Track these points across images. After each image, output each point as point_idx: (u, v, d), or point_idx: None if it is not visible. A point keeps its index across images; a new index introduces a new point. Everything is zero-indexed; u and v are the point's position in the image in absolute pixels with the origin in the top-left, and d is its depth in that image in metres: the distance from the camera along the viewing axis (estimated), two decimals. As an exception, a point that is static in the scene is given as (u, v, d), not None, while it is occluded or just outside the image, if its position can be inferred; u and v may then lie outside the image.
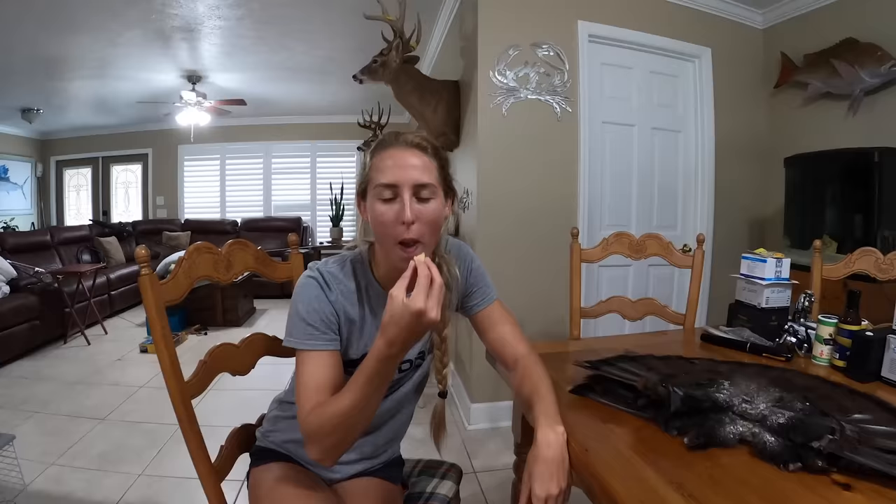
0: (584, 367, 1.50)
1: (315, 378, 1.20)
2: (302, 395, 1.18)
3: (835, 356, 1.69)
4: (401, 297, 1.00)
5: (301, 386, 1.20)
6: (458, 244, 1.51)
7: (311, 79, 6.92)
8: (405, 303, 0.99)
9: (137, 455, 3.16)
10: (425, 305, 0.99)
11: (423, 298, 0.99)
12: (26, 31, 4.79)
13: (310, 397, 1.16)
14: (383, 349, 1.03)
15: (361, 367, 1.07)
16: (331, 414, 1.10)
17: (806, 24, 3.89)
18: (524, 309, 3.48)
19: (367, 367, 1.06)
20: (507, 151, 3.49)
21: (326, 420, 1.10)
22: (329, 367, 1.22)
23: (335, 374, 1.23)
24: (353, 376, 1.09)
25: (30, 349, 5.18)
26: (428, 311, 0.99)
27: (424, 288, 1.00)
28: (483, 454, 3.22)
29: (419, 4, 3.63)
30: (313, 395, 1.17)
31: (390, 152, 1.22)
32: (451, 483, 1.60)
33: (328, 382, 1.19)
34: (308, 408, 1.15)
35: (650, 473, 1.03)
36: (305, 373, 1.21)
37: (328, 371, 1.22)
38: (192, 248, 1.45)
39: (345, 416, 1.09)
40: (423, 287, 1.00)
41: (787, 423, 1.10)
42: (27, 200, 9.58)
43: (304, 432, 1.14)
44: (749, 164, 4.23)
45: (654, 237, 2.47)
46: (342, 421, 1.09)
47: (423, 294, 0.99)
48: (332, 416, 1.10)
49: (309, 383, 1.19)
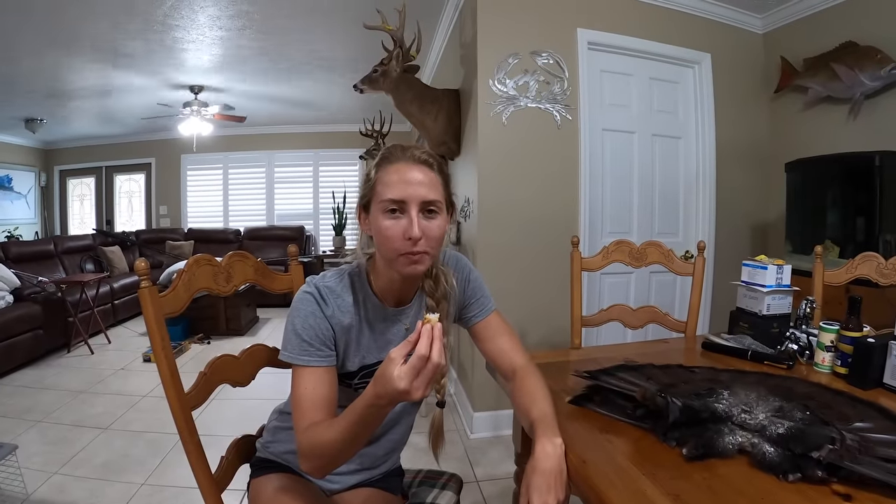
0: (582, 377, 1.49)
1: (309, 394, 1.21)
2: (297, 411, 1.20)
3: (837, 363, 1.68)
4: (394, 365, 0.98)
5: (296, 401, 1.21)
6: (457, 256, 1.51)
7: (313, 88, 6.94)
8: (393, 377, 0.97)
9: (140, 465, 3.16)
10: (410, 386, 0.97)
11: (410, 380, 0.97)
12: (29, 43, 4.82)
13: (304, 414, 1.18)
14: (371, 398, 1.02)
15: (353, 406, 1.07)
16: (321, 441, 1.11)
17: (805, 28, 3.89)
18: (526, 317, 3.50)
19: (358, 408, 1.06)
20: (507, 160, 3.49)
21: (317, 445, 1.12)
22: (323, 383, 1.23)
23: (329, 389, 1.24)
24: (345, 412, 1.09)
25: (33, 358, 5.20)
26: (412, 392, 0.98)
27: (415, 369, 0.97)
28: (485, 463, 3.22)
29: (419, 14, 3.64)
30: (308, 412, 1.18)
31: (397, 167, 1.22)
32: (451, 493, 1.60)
33: (322, 399, 1.21)
34: (303, 425, 1.16)
35: (648, 484, 1.02)
36: (300, 388, 1.22)
37: (322, 387, 1.23)
38: (191, 260, 1.45)
39: (333, 447, 1.11)
40: (415, 368, 0.97)
41: (786, 433, 1.09)
42: (31, 210, 9.62)
43: (299, 447, 1.16)
44: (750, 170, 4.22)
45: (655, 245, 2.47)
46: (331, 450, 1.11)
47: (411, 375, 0.97)
48: (323, 444, 1.11)
49: (304, 399, 1.20)
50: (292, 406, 1.22)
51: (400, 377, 0.96)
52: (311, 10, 4.35)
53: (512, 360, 1.43)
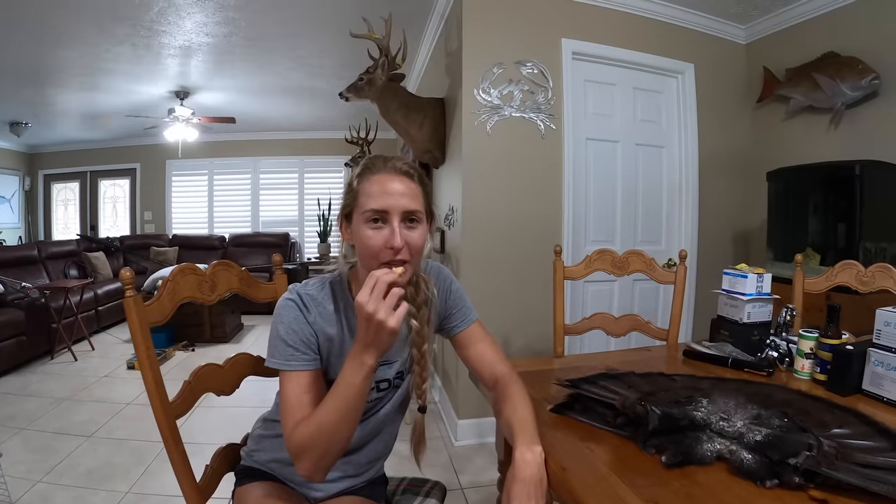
0: (564, 385, 1.51)
1: (298, 396, 1.22)
2: (286, 414, 1.21)
3: (816, 370, 1.71)
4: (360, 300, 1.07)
5: (285, 405, 1.22)
6: (438, 267, 1.53)
7: (299, 95, 6.95)
8: (360, 304, 1.07)
9: (124, 473, 3.14)
10: (376, 307, 1.06)
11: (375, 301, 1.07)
12: (14, 45, 4.79)
13: (293, 415, 1.19)
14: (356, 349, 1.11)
15: (341, 373, 1.14)
16: (315, 423, 1.14)
17: (787, 38, 3.94)
18: (509, 325, 3.51)
19: (345, 371, 1.13)
20: (491, 169, 3.51)
21: (307, 437, 1.14)
22: (311, 386, 1.25)
23: (317, 392, 1.25)
24: (334, 384, 1.15)
25: (16, 365, 5.15)
26: (378, 312, 1.06)
27: (378, 292, 1.07)
28: (470, 470, 3.22)
29: (405, 23, 3.66)
30: (297, 413, 1.19)
31: (378, 177, 1.25)
32: (434, 501, 1.61)
33: (311, 400, 1.22)
34: (293, 424, 1.17)
35: (627, 492, 1.03)
36: (288, 392, 1.24)
37: (310, 390, 1.24)
38: (176, 269, 1.46)
39: (323, 431, 1.13)
40: (377, 292, 1.07)
41: (763, 440, 1.11)
42: (15, 214, 9.54)
43: (291, 448, 1.17)
44: (732, 179, 4.27)
45: (637, 254, 2.49)
46: (321, 437, 1.14)
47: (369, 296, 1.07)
48: (312, 433, 1.14)
49: (292, 402, 1.22)
50: (281, 411, 1.23)
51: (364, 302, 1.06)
52: (297, 18, 4.36)
53: (494, 368, 1.44)
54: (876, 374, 1.55)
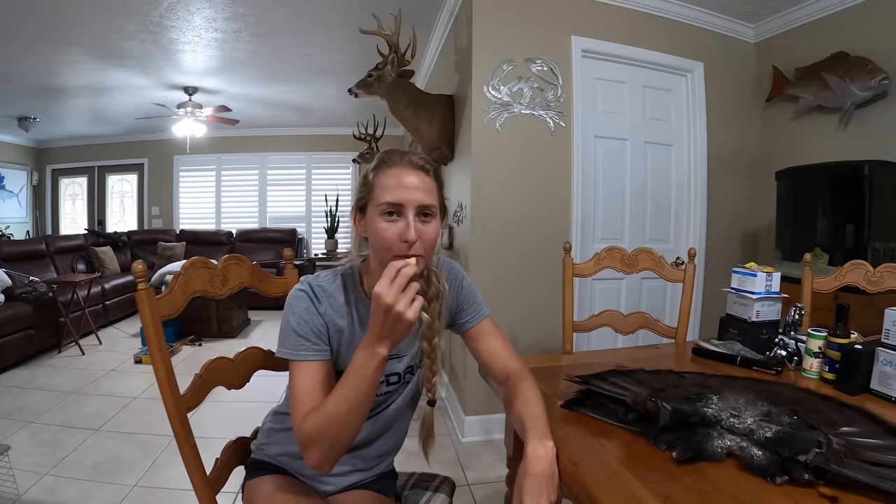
0: (574, 381, 1.51)
1: (308, 387, 1.23)
2: (296, 404, 1.21)
3: (824, 369, 1.70)
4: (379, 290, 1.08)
5: (295, 395, 1.23)
6: (449, 263, 1.53)
7: (307, 91, 6.96)
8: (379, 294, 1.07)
9: (132, 466, 3.15)
10: (395, 299, 1.06)
11: (394, 294, 1.07)
12: (24, 41, 4.81)
13: (304, 404, 1.20)
14: (369, 339, 1.11)
15: (351, 362, 1.14)
16: (325, 411, 1.15)
17: (797, 38, 3.92)
18: (518, 322, 3.51)
19: (356, 360, 1.13)
20: (501, 166, 3.51)
21: (322, 419, 1.15)
22: (321, 376, 1.26)
23: (327, 382, 1.25)
24: (344, 374, 1.16)
25: (24, 358, 5.18)
26: (397, 304, 1.07)
27: (398, 285, 1.08)
28: (477, 466, 3.22)
29: (415, 19, 3.66)
30: (307, 402, 1.20)
31: (395, 171, 1.25)
32: (444, 496, 1.61)
33: (321, 391, 1.22)
34: (302, 414, 1.18)
35: (638, 487, 1.03)
36: (298, 382, 1.24)
37: (321, 380, 1.25)
38: (188, 263, 1.46)
39: (337, 412, 1.14)
40: (397, 284, 1.08)
41: (774, 436, 1.11)
42: (23, 209, 9.60)
43: (300, 438, 1.17)
44: (741, 178, 4.25)
45: (646, 251, 2.49)
46: (335, 418, 1.14)
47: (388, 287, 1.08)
48: (326, 415, 1.14)
49: (302, 392, 1.22)
50: (291, 401, 1.24)
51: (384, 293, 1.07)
52: (307, 14, 4.36)
53: (506, 364, 1.45)
54: (884, 374, 1.54)
